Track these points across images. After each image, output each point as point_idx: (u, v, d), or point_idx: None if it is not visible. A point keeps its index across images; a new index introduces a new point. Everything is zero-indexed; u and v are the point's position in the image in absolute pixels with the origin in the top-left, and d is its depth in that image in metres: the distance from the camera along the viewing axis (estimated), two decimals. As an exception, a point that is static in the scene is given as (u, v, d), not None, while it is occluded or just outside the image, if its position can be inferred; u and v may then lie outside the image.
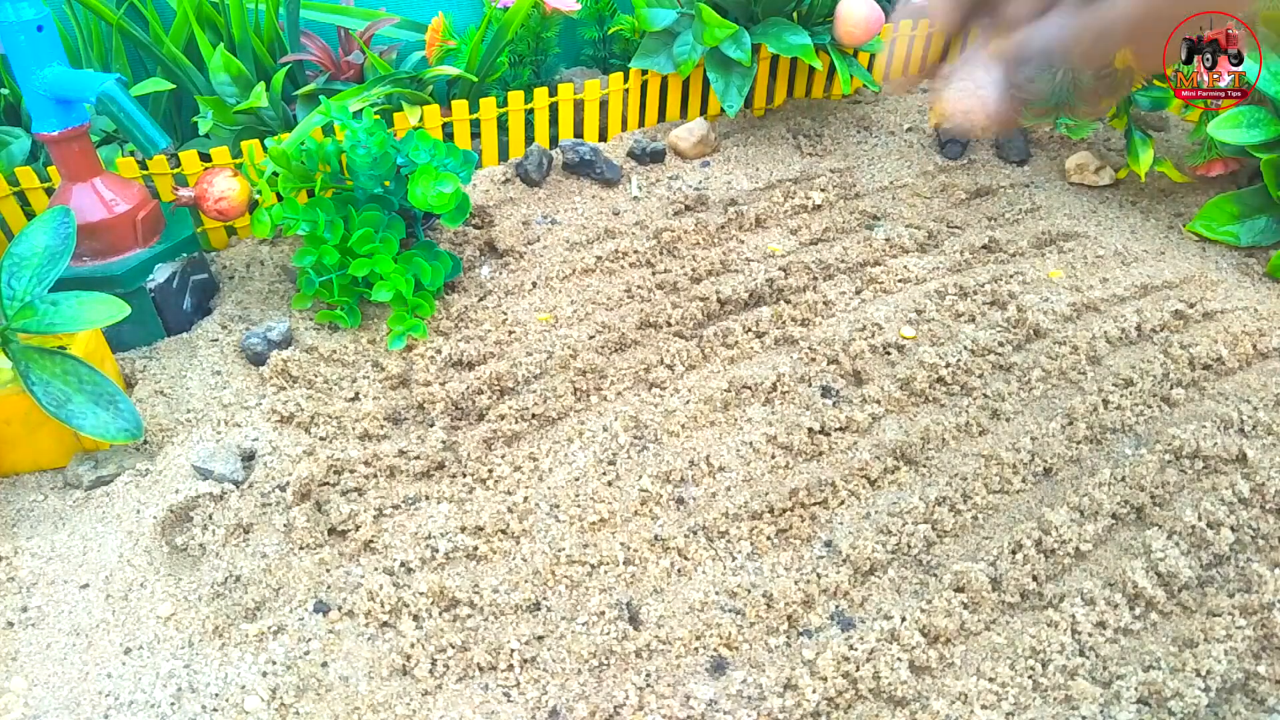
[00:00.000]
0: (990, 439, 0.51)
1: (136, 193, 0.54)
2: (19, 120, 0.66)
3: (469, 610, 0.41)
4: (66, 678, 0.38)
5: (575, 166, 0.73)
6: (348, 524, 0.45)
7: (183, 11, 0.67)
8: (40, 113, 0.49)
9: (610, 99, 0.76)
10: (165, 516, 0.45)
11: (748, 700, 0.38)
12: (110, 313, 0.44)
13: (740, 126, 0.82)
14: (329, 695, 0.38)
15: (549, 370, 0.54)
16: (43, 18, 0.48)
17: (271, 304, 0.60)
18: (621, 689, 0.38)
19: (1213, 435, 0.51)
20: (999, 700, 0.38)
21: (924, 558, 0.45)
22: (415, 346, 0.56)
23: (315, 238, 0.55)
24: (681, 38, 0.75)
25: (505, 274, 0.63)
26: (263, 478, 0.47)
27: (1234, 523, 0.46)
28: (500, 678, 0.39)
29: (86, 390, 0.44)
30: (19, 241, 0.45)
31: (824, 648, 0.40)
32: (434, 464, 0.49)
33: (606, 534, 0.45)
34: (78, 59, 0.68)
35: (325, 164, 0.56)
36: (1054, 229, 0.71)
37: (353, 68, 0.71)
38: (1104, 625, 0.41)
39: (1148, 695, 0.38)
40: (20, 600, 0.41)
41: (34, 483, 0.48)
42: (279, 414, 0.51)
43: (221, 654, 0.39)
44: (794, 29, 0.74)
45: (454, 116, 0.70)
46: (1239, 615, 0.41)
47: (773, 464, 0.48)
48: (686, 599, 0.42)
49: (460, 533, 0.45)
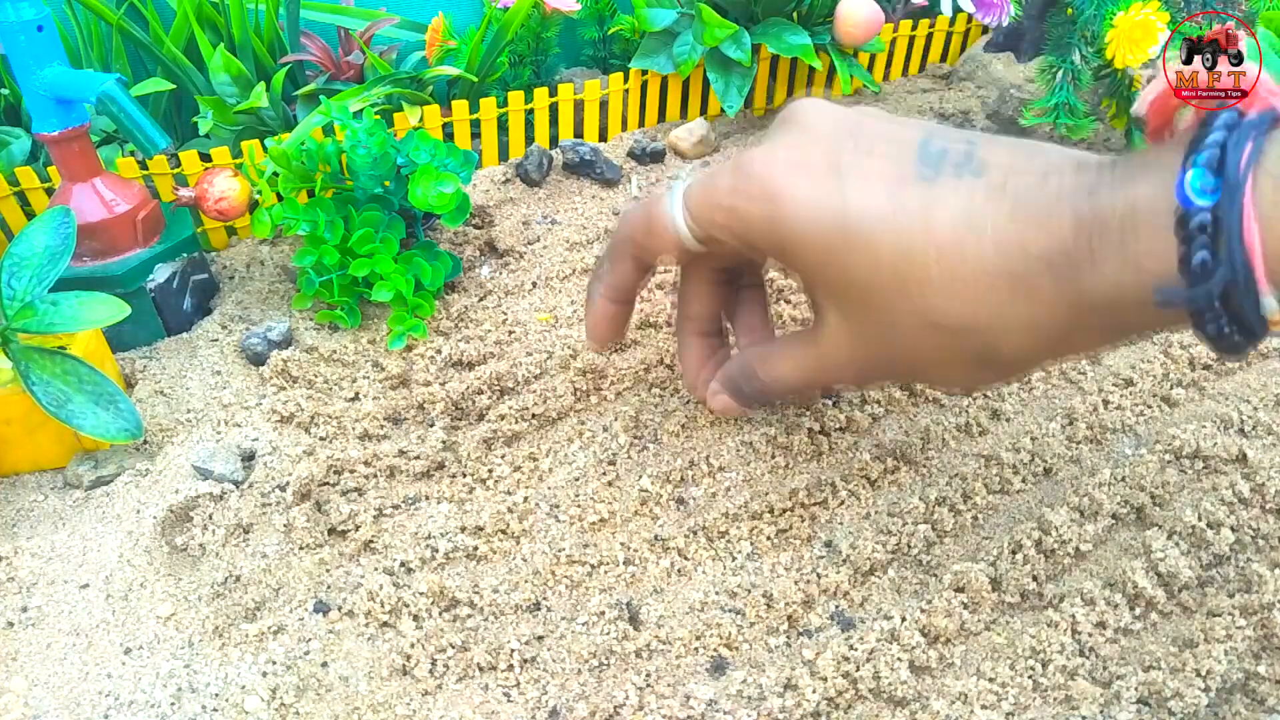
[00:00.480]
0: (990, 439, 0.51)
1: (136, 193, 0.54)
2: (19, 120, 0.66)
3: (469, 610, 0.41)
4: (66, 678, 0.38)
5: (575, 166, 0.73)
6: (348, 524, 0.45)
7: (183, 11, 0.67)
8: (40, 113, 0.49)
9: (610, 99, 0.76)
10: (165, 516, 0.45)
11: (748, 700, 0.38)
12: (110, 313, 0.44)
13: (740, 126, 0.82)
14: (329, 695, 0.38)
15: (549, 370, 0.54)
16: (43, 18, 0.48)
17: (271, 304, 0.60)
18: (621, 689, 0.38)
19: (1213, 435, 0.51)
20: (999, 700, 0.38)
21: (924, 558, 0.45)
22: (415, 346, 0.56)
23: (315, 238, 0.55)
24: (681, 38, 0.75)
25: (505, 274, 0.63)
26: (263, 478, 0.47)
27: (1234, 523, 0.46)
28: (500, 678, 0.39)
29: (86, 390, 0.44)
30: (19, 241, 0.45)
31: (824, 648, 0.40)
32: (434, 464, 0.49)
33: (607, 534, 0.45)
34: (78, 59, 0.68)
35: (325, 164, 0.56)
36: (1054, 229, 0.71)
37: (353, 68, 0.71)
38: (1104, 625, 0.41)
39: (1148, 695, 0.38)
40: (20, 600, 0.41)
41: (34, 483, 0.48)
42: (279, 414, 0.51)
43: (221, 654, 0.39)
44: (794, 29, 0.74)
45: (454, 117, 0.70)
46: (1239, 615, 0.41)
47: (773, 464, 0.48)
48: (687, 599, 0.42)
49: (460, 533, 0.45)
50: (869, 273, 0.31)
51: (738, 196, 0.34)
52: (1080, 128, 0.71)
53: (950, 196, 0.30)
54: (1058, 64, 0.72)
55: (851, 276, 0.32)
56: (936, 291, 0.30)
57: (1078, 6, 0.71)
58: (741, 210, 0.34)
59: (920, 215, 0.30)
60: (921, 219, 0.30)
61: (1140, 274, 0.27)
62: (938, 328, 0.31)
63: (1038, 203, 0.29)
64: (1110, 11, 0.67)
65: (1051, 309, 0.29)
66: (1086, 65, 0.71)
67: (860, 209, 0.31)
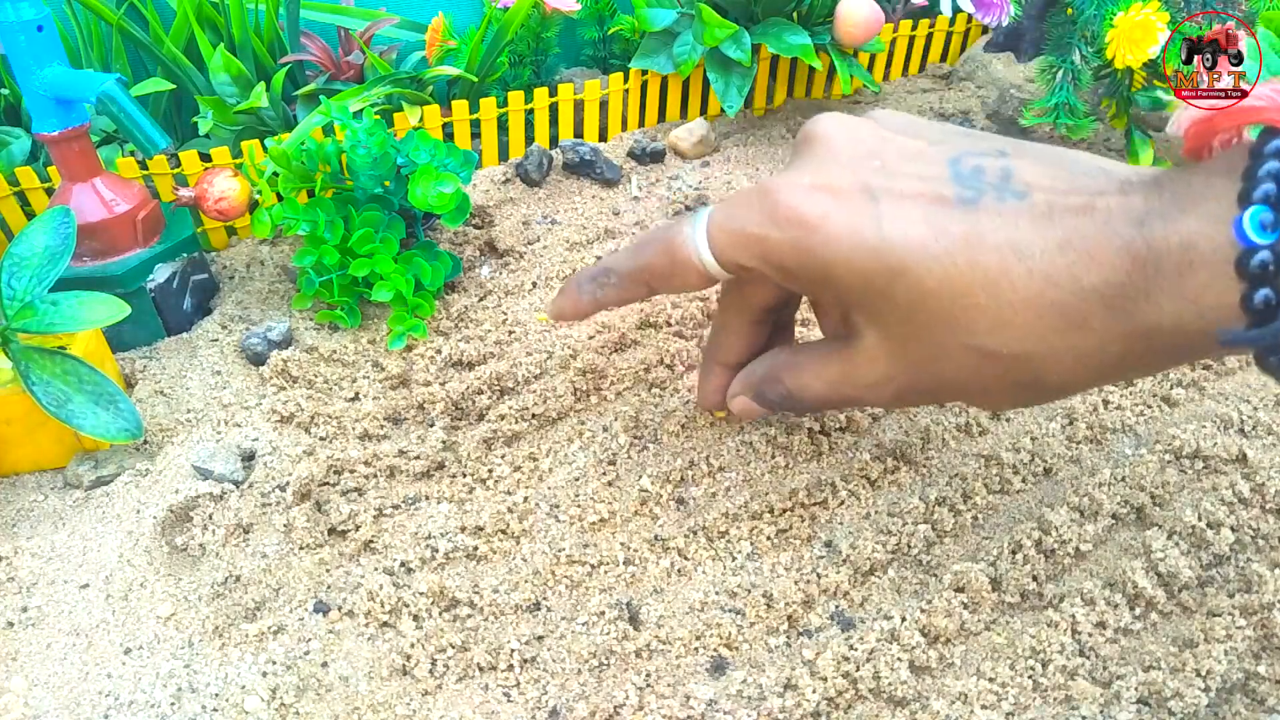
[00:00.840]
0: (990, 439, 0.51)
1: (136, 193, 0.54)
2: (19, 120, 0.66)
3: (469, 610, 0.41)
4: (66, 678, 0.38)
5: (575, 166, 0.73)
6: (348, 524, 0.45)
7: (183, 11, 0.67)
8: (40, 113, 0.49)
9: (610, 99, 0.76)
10: (165, 516, 0.45)
11: (748, 700, 0.38)
12: (110, 313, 0.44)
13: (740, 126, 0.82)
14: (329, 695, 0.38)
15: (549, 370, 0.54)
16: (43, 18, 0.48)
17: (271, 304, 0.60)
18: (621, 689, 0.38)
19: (1213, 435, 0.51)
20: (999, 700, 0.38)
21: (924, 558, 0.45)
22: (415, 346, 0.56)
23: (315, 238, 0.55)
24: (681, 38, 0.75)
25: (505, 274, 0.63)
26: (263, 478, 0.47)
27: (1234, 523, 0.46)
28: (500, 678, 0.39)
29: (86, 390, 0.44)
30: (19, 241, 0.45)
31: (824, 648, 0.40)
32: (434, 464, 0.49)
33: (606, 534, 0.45)
34: (78, 59, 0.68)
35: (325, 164, 0.56)
36: (1054, 229, 0.71)
37: (353, 68, 0.71)
38: (1104, 625, 0.41)
39: (1148, 695, 0.38)
40: (20, 600, 0.41)
41: (34, 483, 0.48)
42: (279, 414, 0.51)
43: (221, 654, 0.39)
44: (794, 29, 0.74)
45: (454, 117, 0.70)
46: (1239, 615, 0.41)
47: (773, 464, 0.48)
48: (687, 599, 0.42)
49: (460, 533, 0.45)
50: (912, 300, 0.31)
51: (767, 226, 0.33)
52: (1080, 128, 0.71)
53: (994, 223, 0.29)
54: (1058, 64, 0.72)
55: (894, 303, 0.31)
56: (984, 321, 0.30)
57: (1078, 6, 0.71)
58: (773, 240, 0.33)
59: (963, 243, 0.29)
60: (965, 247, 0.29)
61: (1199, 309, 0.27)
62: (985, 355, 0.30)
63: (1088, 233, 0.28)
64: (1110, 11, 0.67)
65: (1103, 340, 0.29)
66: (1086, 65, 0.71)
67: (899, 236, 0.30)
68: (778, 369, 0.40)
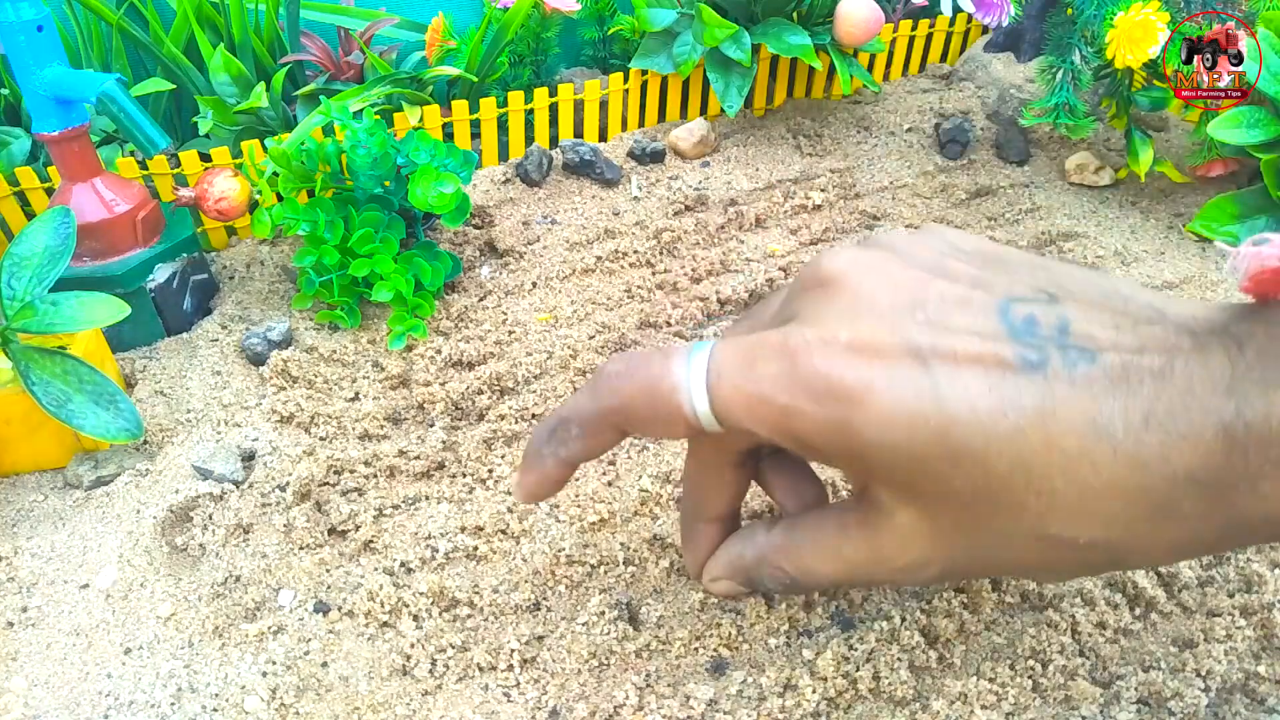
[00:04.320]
0: (990, 439, 0.51)
1: (136, 193, 0.54)
2: (19, 120, 0.66)
3: (469, 610, 0.41)
4: (66, 678, 0.38)
5: (575, 167, 0.73)
6: (348, 524, 0.45)
7: (183, 11, 0.67)
8: (40, 113, 0.49)
9: (610, 99, 0.76)
10: (165, 516, 0.45)
11: (748, 700, 0.38)
12: (110, 313, 0.44)
13: (740, 126, 0.82)
14: (329, 695, 0.38)
15: (549, 370, 0.54)
16: (43, 18, 0.48)
17: (271, 304, 0.60)
18: (621, 689, 0.38)
19: (1213, 435, 0.51)
20: (999, 700, 0.38)
21: (924, 558, 0.44)
22: (415, 346, 0.56)
23: (315, 238, 0.55)
24: (681, 38, 0.75)
25: (505, 274, 0.63)
26: (263, 478, 0.47)
27: (1234, 523, 0.46)
28: (500, 678, 0.39)
29: (86, 390, 0.44)
30: (19, 241, 0.45)
31: (824, 648, 0.40)
32: (434, 464, 0.49)
33: (606, 534, 0.45)
34: (78, 59, 0.68)
35: (325, 164, 0.57)
36: (1054, 229, 0.71)
37: (353, 68, 0.71)
38: (1104, 625, 0.41)
39: (1148, 695, 0.38)
40: (20, 600, 0.41)
41: (34, 483, 0.48)
42: (279, 414, 0.51)
43: (221, 654, 0.39)
44: (794, 29, 0.74)
45: (454, 117, 0.70)
46: (1239, 615, 0.41)
47: (773, 464, 0.48)
48: (686, 599, 0.42)
49: (460, 533, 0.45)
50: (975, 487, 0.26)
51: (799, 396, 0.27)
52: (1080, 128, 0.71)
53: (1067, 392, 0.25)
54: (1058, 64, 0.72)
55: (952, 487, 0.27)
56: (1060, 508, 0.26)
57: (1078, 6, 0.71)
58: (805, 413, 0.27)
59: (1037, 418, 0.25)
60: (1039, 423, 0.25)
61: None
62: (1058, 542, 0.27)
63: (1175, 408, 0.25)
64: (1110, 11, 0.67)
65: (1196, 528, 0.26)
66: (1086, 65, 0.71)
67: (964, 411, 0.26)
68: (773, 553, 0.34)
